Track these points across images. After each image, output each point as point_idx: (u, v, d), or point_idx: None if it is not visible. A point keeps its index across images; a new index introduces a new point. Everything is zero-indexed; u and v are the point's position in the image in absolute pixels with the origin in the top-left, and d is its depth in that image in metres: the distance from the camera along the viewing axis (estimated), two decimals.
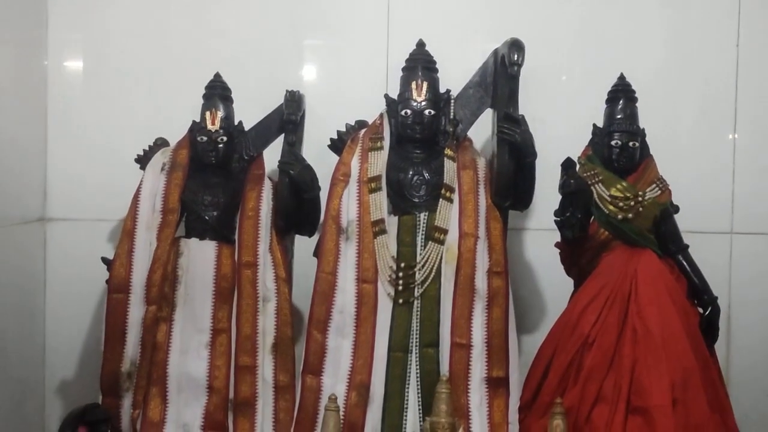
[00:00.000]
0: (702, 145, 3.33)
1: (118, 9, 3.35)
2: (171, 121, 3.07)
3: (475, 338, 2.79)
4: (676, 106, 3.30)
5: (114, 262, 2.91)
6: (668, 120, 3.20)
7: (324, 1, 3.41)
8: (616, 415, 2.70)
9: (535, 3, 3.38)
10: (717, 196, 3.33)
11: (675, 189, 2.90)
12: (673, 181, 2.91)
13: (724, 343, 3.20)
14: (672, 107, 3.27)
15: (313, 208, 2.92)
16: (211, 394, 2.79)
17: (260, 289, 2.89)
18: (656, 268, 2.81)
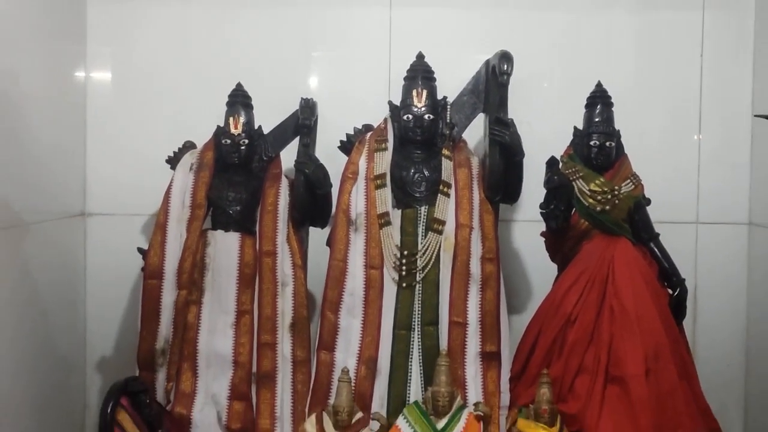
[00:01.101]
0: (670, 145, 3.33)
1: (147, 25, 3.33)
2: (197, 125, 3.07)
3: (470, 317, 2.83)
4: (648, 110, 3.29)
5: (148, 251, 2.92)
6: (641, 122, 3.18)
7: (332, 18, 3.39)
8: (596, 384, 2.73)
9: (521, 19, 3.38)
10: (684, 190, 3.34)
11: (647, 184, 2.93)
12: (645, 177, 2.93)
13: (692, 320, 3.22)
14: (644, 111, 3.26)
15: (325, 203, 2.95)
16: (237, 368, 2.81)
17: (279, 275, 2.90)
18: (631, 254, 2.84)
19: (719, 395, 3.02)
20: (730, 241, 3.31)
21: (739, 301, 3.29)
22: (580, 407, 2.71)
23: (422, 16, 3.33)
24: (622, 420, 2.68)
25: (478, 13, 3.36)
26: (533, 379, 2.75)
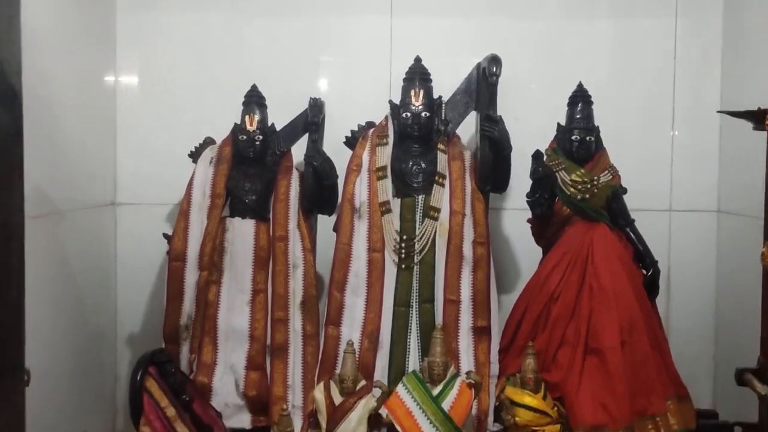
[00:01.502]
0: (646, 139, 3.33)
1: (170, 33, 3.32)
2: (216, 123, 3.08)
3: (463, 295, 2.86)
4: (625, 108, 3.28)
5: (173, 237, 2.94)
6: (618, 119, 3.18)
7: (338, 25, 3.39)
8: (576, 355, 2.77)
9: (511, 26, 3.37)
10: (658, 180, 3.35)
11: (624, 174, 2.95)
12: (622, 168, 2.96)
13: (665, 298, 3.26)
14: (622, 109, 3.25)
15: (332, 193, 2.97)
16: (252, 341, 2.85)
17: (290, 258, 2.93)
18: (608, 238, 2.88)
19: (690, 365, 3.04)
20: (700, 227, 3.31)
21: (709, 281, 3.28)
22: (562, 376, 2.75)
23: (420, 24, 3.33)
24: (600, 388, 2.72)
25: (470, 21, 3.35)
26: (520, 351, 2.78)
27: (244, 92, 2.99)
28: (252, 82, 3.01)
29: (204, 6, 3.36)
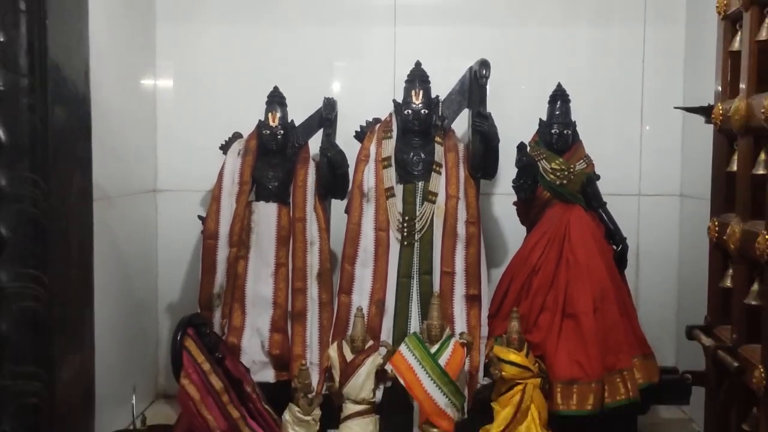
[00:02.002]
0: (618, 132, 3.33)
1: (203, 42, 3.33)
2: (243, 119, 3.09)
3: (457, 268, 2.89)
4: (600, 104, 3.29)
5: (206, 218, 2.97)
6: (595, 114, 3.19)
7: (349, 34, 3.39)
8: (555, 319, 2.79)
9: (500, 34, 3.36)
10: (629, 168, 3.35)
11: (598, 163, 2.96)
12: (596, 157, 2.97)
13: (634, 271, 3.26)
14: (597, 105, 3.26)
15: (344, 180, 2.99)
16: (276, 308, 2.88)
17: (308, 236, 2.96)
18: (583, 218, 2.90)
19: (656, 329, 3.08)
20: (665, 209, 3.31)
21: (672, 256, 3.28)
22: (542, 337, 2.78)
23: (419, 33, 3.35)
24: (575, 347, 2.74)
25: (463, 29, 3.36)
26: (506, 316, 2.80)
27: (267, 92, 3.02)
28: (274, 84, 3.03)
29: (232, 19, 3.36)
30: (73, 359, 1.25)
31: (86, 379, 1.30)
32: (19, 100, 1.14)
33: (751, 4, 1.72)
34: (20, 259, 1.15)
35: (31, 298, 1.15)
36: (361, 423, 2.69)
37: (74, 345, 1.25)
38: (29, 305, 1.15)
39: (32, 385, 1.15)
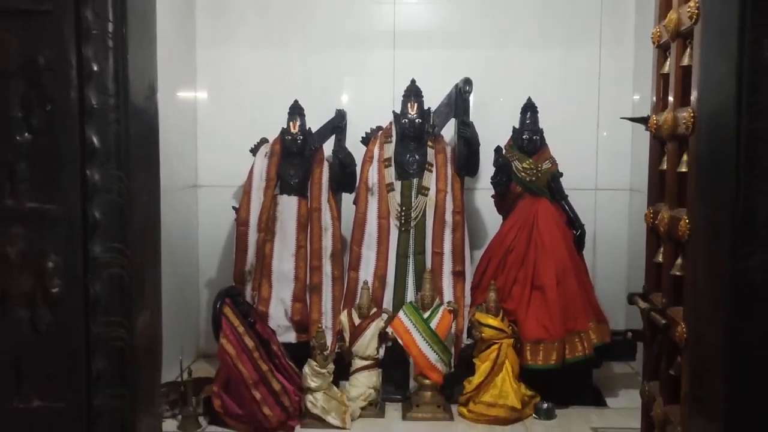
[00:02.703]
0: (578, 137, 3.33)
1: (235, 62, 3.34)
2: (268, 127, 3.10)
3: (446, 249, 2.96)
4: (563, 114, 3.24)
5: (239, 209, 3.04)
6: (558, 122, 3.15)
7: (357, 57, 3.37)
8: (525, 290, 2.87)
9: (483, 56, 3.32)
10: (587, 167, 3.35)
11: (561, 162, 3.02)
12: (560, 159, 3.02)
13: (592, 252, 3.27)
14: (561, 115, 3.21)
15: (352, 177, 3.04)
16: (296, 282, 2.93)
17: (323, 223, 3.01)
18: (549, 208, 2.96)
19: (609, 299, 3.09)
20: (617, 201, 3.34)
21: (623, 239, 3.33)
22: (515, 305, 2.85)
23: (414, 56, 3.35)
24: (541, 313, 2.81)
25: (452, 52, 3.35)
26: (485, 288, 2.88)
27: (289, 105, 3.04)
28: (294, 98, 3.06)
29: (259, 44, 3.37)
30: (146, 313, 1.37)
31: (154, 329, 1.43)
32: (107, 115, 1.27)
33: (677, 36, 1.79)
34: (109, 237, 1.28)
35: (117, 266, 1.29)
36: (367, 375, 2.74)
37: (146, 302, 1.38)
38: (116, 271, 1.29)
39: (118, 331, 1.29)
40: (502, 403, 2.68)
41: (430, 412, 2.72)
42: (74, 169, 1.27)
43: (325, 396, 2.63)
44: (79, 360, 1.29)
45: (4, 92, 1.24)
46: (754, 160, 1.28)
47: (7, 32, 1.22)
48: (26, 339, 1.28)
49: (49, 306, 1.27)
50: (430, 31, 3.40)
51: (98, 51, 1.26)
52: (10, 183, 1.26)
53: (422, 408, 2.73)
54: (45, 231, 1.27)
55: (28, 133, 1.26)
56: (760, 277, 1.29)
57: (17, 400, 1.28)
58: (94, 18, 1.25)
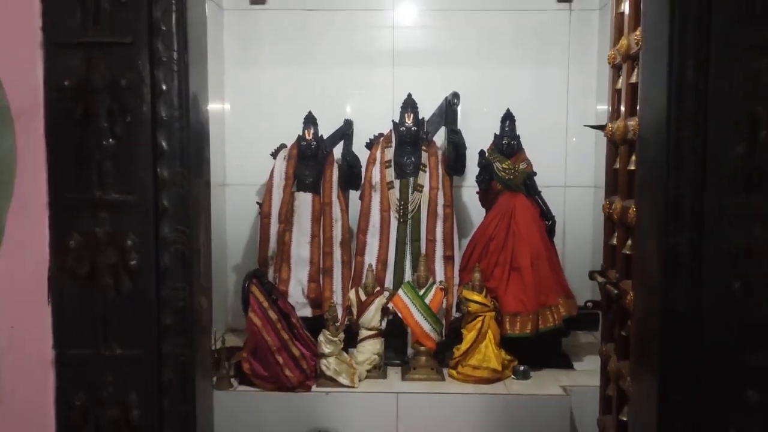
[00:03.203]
0: (550, 142, 3.38)
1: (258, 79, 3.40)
2: (286, 134, 3.15)
3: (437, 236, 3.04)
4: (538, 122, 3.29)
5: (262, 204, 3.09)
6: (534, 129, 3.20)
7: (361, 73, 3.43)
8: (504, 271, 2.94)
9: (471, 73, 3.37)
10: (557, 167, 3.41)
11: (536, 163, 3.07)
12: (534, 160, 3.07)
13: (562, 240, 3.35)
14: (536, 123, 3.26)
15: (358, 177, 3.10)
16: (311, 265, 2.99)
17: (333, 216, 3.07)
18: (524, 203, 3.03)
19: (577, 280, 3.07)
20: (583, 196, 3.38)
21: (588, 229, 3.35)
22: (496, 284, 2.93)
23: (410, 72, 3.41)
24: (518, 291, 2.90)
25: (443, 69, 3.39)
26: (471, 269, 2.94)
27: (304, 115, 3.09)
28: (309, 109, 3.10)
29: (277, 63, 3.42)
30: (199, 280, 1.56)
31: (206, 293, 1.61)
32: (173, 124, 1.43)
33: (627, 58, 1.96)
34: (174, 221, 1.44)
35: (180, 243, 1.45)
36: (372, 343, 2.84)
37: (200, 272, 1.56)
38: (179, 247, 1.45)
39: (180, 294, 1.45)
40: (485, 366, 2.77)
41: (425, 374, 2.82)
42: (148, 167, 1.44)
43: (336, 360, 2.73)
44: (151, 316, 1.46)
45: (95, 106, 1.41)
46: (680, 161, 1.44)
47: (98, 59, 1.40)
48: (111, 301, 1.45)
49: (128, 275, 1.45)
50: (424, 51, 3.45)
51: (166, 74, 1.43)
52: (98, 178, 1.43)
53: (418, 370, 2.82)
54: (125, 216, 1.44)
55: (112, 138, 1.43)
56: (685, 250, 1.46)
57: (104, 348, 1.46)
58: (163, 48, 1.43)
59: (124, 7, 1.41)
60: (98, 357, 1.46)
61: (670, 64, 1.44)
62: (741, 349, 1.44)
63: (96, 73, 1.41)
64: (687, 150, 1.43)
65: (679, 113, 1.44)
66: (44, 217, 1.42)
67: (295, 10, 3.41)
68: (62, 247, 1.43)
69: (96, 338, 1.46)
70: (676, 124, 1.44)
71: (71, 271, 1.44)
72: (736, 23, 1.40)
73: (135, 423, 1.46)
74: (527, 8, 3.39)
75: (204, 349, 1.60)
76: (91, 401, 1.46)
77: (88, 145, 1.43)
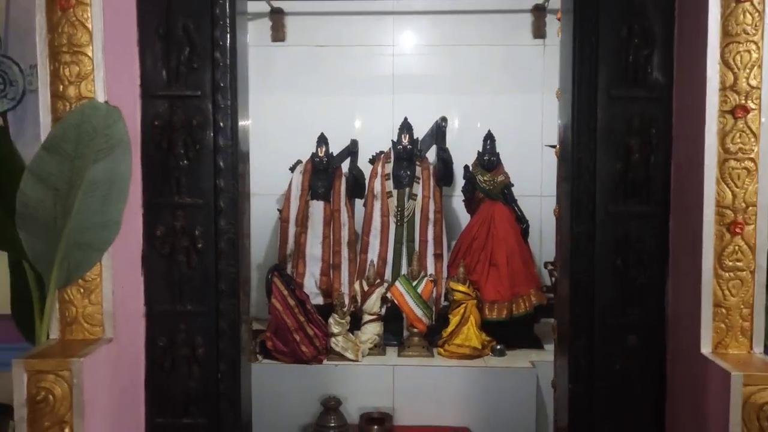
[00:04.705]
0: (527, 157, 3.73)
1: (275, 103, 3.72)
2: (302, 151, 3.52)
3: (429, 237, 3.43)
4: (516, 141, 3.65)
5: (282, 210, 3.51)
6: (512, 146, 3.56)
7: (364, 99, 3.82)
8: (485, 267, 3.35)
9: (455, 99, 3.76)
10: (534, 179, 3.74)
11: (514, 176, 3.44)
12: (512, 173, 3.44)
13: (539, 241, 3.73)
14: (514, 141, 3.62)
15: (363, 187, 3.48)
16: (323, 262, 3.41)
17: (342, 220, 3.47)
18: (503, 210, 3.42)
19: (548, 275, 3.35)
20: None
21: None
22: (478, 277, 3.33)
23: (407, 99, 3.78)
24: (496, 282, 3.31)
25: (436, 95, 3.78)
26: (457, 265, 3.30)
27: (317, 135, 3.48)
28: (320, 130, 3.50)
29: (295, 91, 3.81)
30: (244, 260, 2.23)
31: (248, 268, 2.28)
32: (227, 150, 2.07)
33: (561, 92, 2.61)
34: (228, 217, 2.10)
35: (231, 233, 2.10)
36: (373, 326, 3.25)
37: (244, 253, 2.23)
38: (231, 236, 2.10)
39: (232, 267, 2.09)
40: (467, 345, 3.18)
41: (417, 351, 3.23)
42: (210, 180, 2.11)
43: (344, 339, 3.17)
44: (211, 283, 2.12)
45: (175, 139, 2.09)
46: (578, 172, 2.08)
47: (177, 107, 2.09)
48: (184, 272, 2.11)
49: (196, 254, 2.10)
50: (418, 80, 3.85)
51: (223, 116, 2.12)
52: (176, 188, 2.11)
53: (412, 348, 3.24)
54: (194, 214, 2.11)
55: (186, 161, 2.11)
56: (584, 238, 2.11)
57: (179, 306, 2.13)
58: (221, 99, 2.11)
59: (195, 71, 2.11)
60: (175, 312, 2.11)
61: (573, 109, 2.10)
62: (622, 307, 2.08)
63: (176, 116, 2.10)
64: (584, 168, 2.09)
65: (579, 142, 2.10)
66: (140, 215, 2.10)
67: (309, 46, 3.89)
68: (152, 235, 2.11)
69: (173, 298, 2.11)
70: (577, 149, 2.10)
71: (157, 252, 2.11)
72: (615, 83, 2.06)
73: (200, 359, 2.13)
74: (508, 43, 3.88)
75: (245, 308, 2.28)
76: (169, 342, 2.13)
77: (170, 165, 2.10)
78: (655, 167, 2.02)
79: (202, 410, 2.09)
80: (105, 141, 1.72)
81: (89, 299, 1.85)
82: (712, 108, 1.81)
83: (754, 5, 1.80)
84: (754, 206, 1.81)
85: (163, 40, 2.02)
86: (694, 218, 1.87)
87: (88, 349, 1.78)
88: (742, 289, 1.83)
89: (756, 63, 1.80)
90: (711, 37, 1.80)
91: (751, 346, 1.82)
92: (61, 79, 1.80)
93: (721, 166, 1.82)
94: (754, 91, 1.79)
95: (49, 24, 1.81)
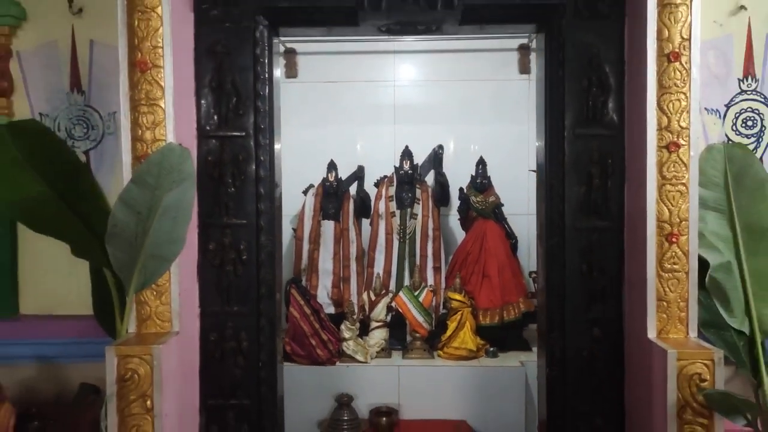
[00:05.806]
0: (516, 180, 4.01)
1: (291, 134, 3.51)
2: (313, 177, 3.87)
3: (428, 252, 3.77)
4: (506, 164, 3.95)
5: (297, 229, 3.85)
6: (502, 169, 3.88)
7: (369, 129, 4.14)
8: (479, 278, 3.70)
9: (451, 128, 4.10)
10: (522, 199, 4.00)
11: (504, 195, 3.78)
12: (503, 193, 3.78)
13: (528, 255, 3.91)
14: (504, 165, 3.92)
15: (369, 208, 3.81)
16: (334, 275, 3.76)
17: (350, 238, 3.82)
18: (494, 227, 3.78)
19: None
20: None
21: None
22: (472, 287, 3.69)
23: (408, 129, 4.10)
24: (489, 292, 3.67)
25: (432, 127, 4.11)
26: (454, 277, 3.64)
27: (327, 162, 3.80)
28: (330, 158, 3.83)
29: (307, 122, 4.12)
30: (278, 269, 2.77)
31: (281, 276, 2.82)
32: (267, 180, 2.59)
33: None
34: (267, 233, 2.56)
35: (270, 246, 2.60)
36: (380, 331, 3.61)
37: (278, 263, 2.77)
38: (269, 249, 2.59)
39: (269, 276, 2.62)
40: (464, 347, 3.53)
41: (419, 354, 3.57)
42: (252, 204, 2.59)
43: (354, 343, 3.54)
44: (253, 288, 2.61)
45: (225, 171, 2.58)
46: (551, 192, 2.56)
47: (226, 145, 2.60)
48: (231, 279, 2.60)
49: (241, 265, 2.58)
50: (417, 112, 4.21)
51: (263, 152, 2.62)
52: (225, 211, 2.61)
53: (414, 351, 3.57)
54: (240, 232, 2.60)
55: (233, 188, 2.61)
56: (556, 248, 2.60)
57: (227, 307, 2.62)
58: (262, 138, 2.62)
59: (240, 116, 2.63)
60: (223, 312, 2.58)
61: (546, 144, 2.64)
62: (588, 304, 2.59)
63: (225, 153, 2.59)
64: (555, 192, 2.60)
65: (551, 170, 2.62)
66: (196, 233, 2.60)
67: (319, 82, 4.27)
68: (205, 249, 2.60)
69: (222, 301, 2.58)
70: (549, 176, 2.63)
71: (210, 262, 2.60)
72: (578, 123, 2.60)
73: (244, 351, 2.62)
74: (497, 78, 4.26)
75: (280, 309, 2.79)
76: (219, 337, 2.61)
77: (220, 192, 2.58)
78: (612, 190, 2.50)
79: (246, 393, 2.56)
80: (178, 174, 2.25)
81: (160, 300, 2.36)
82: (652, 144, 2.32)
83: (683, 64, 2.36)
84: (687, 221, 2.31)
85: (215, 92, 2.53)
86: (640, 231, 2.38)
87: (162, 339, 2.29)
88: (679, 287, 2.33)
89: (685, 109, 2.33)
90: (650, 89, 2.34)
91: (687, 332, 2.33)
92: (140, 126, 2.32)
93: (660, 189, 2.31)
94: (683, 131, 2.32)
95: (130, 82, 2.35)
